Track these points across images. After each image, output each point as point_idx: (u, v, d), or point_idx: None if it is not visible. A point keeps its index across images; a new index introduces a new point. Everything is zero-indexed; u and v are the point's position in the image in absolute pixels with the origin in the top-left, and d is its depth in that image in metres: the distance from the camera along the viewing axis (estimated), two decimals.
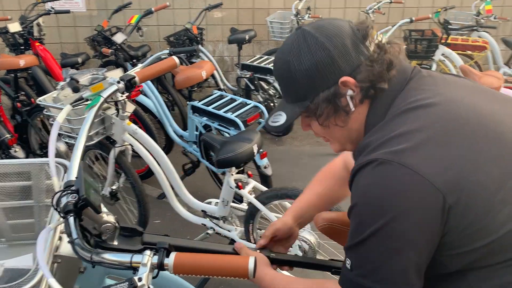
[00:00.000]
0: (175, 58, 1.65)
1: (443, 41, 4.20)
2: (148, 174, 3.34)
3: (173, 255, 0.81)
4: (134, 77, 1.54)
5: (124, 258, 0.83)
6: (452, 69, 4.33)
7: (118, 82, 1.54)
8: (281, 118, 0.98)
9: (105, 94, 1.40)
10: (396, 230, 0.79)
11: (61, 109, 2.26)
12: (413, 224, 0.78)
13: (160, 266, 0.81)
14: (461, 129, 0.81)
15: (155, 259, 0.82)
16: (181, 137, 3.31)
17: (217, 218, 2.36)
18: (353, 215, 0.86)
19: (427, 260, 0.82)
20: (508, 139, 0.82)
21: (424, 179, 0.77)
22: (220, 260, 0.82)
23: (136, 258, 0.82)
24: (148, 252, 0.83)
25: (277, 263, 1.19)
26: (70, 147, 3.42)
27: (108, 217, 1.02)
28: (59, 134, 3.17)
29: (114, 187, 2.55)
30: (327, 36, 0.90)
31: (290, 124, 0.97)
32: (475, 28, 4.34)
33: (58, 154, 3.19)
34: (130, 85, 1.54)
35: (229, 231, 2.35)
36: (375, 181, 0.81)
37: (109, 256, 0.83)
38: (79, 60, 3.90)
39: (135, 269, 0.82)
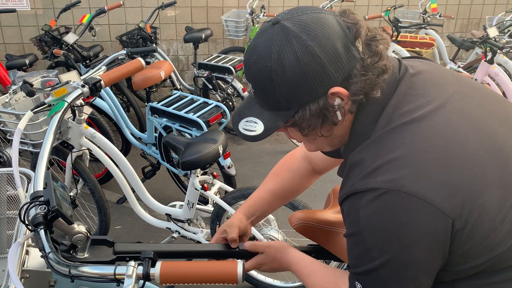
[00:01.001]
0: (141, 60, 1.59)
1: (393, 38, 4.34)
2: (105, 178, 3.24)
3: (159, 264, 0.78)
4: (100, 80, 1.47)
5: (107, 270, 0.79)
6: None
7: (83, 86, 1.46)
8: (257, 127, 0.85)
9: (70, 98, 1.32)
10: (408, 259, 0.77)
11: (14, 114, 2.15)
12: (424, 251, 0.76)
13: (146, 277, 0.78)
14: (461, 147, 0.77)
15: (140, 269, 0.79)
16: (139, 139, 3.23)
17: (182, 221, 2.32)
18: (357, 242, 0.82)
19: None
20: (504, 155, 0.79)
21: (432, 207, 0.73)
22: (208, 267, 0.80)
23: (120, 269, 0.79)
24: (132, 262, 0.79)
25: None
26: (20, 153, 3.25)
27: (79, 227, 0.97)
28: (8, 140, 3.00)
29: (72, 194, 2.44)
30: (315, 39, 0.76)
31: None
32: (422, 26, 4.52)
33: (8, 161, 3.03)
34: (95, 89, 1.46)
35: (195, 233, 2.31)
36: (381, 211, 0.76)
37: (89, 269, 0.79)
38: (27, 61, 3.70)
39: (118, 281, 0.78)
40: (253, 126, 0.85)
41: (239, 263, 0.80)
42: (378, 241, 0.78)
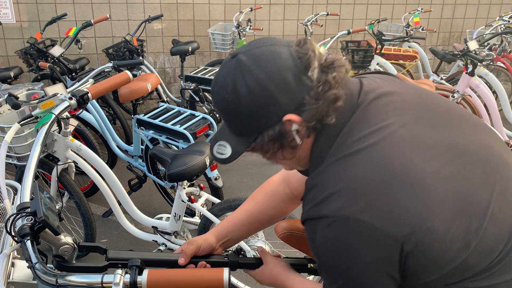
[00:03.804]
0: (128, 72, 1.60)
1: (377, 51, 4.42)
2: (91, 191, 3.22)
3: (146, 272, 0.79)
4: (87, 92, 1.47)
5: (94, 278, 0.80)
6: None
7: (70, 99, 1.46)
8: (226, 151, 0.93)
9: (57, 111, 1.32)
10: (365, 281, 0.82)
11: None
12: (378, 273, 0.81)
13: (133, 285, 0.79)
14: (407, 174, 0.80)
15: (127, 277, 0.79)
16: (125, 151, 3.22)
17: (169, 234, 2.31)
18: (321, 265, 0.88)
19: None
20: (454, 178, 0.81)
21: (381, 232, 0.77)
22: (194, 275, 0.81)
23: (107, 278, 0.79)
24: (119, 271, 0.80)
25: (247, 267, 1.20)
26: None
27: (66, 238, 0.98)
28: None
29: (57, 207, 2.42)
30: (266, 72, 0.82)
31: None
32: (406, 39, 4.61)
33: None
34: (82, 101, 1.46)
35: None
36: (334, 239, 0.81)
37: (76, 278, 0.79)
38: (11, 74, 3.68)
39: None
40: (223, 149, 0.92)
41: (225, 270, 0.81)
42: (337, 266, 0.83)
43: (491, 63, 4.03)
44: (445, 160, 0.83)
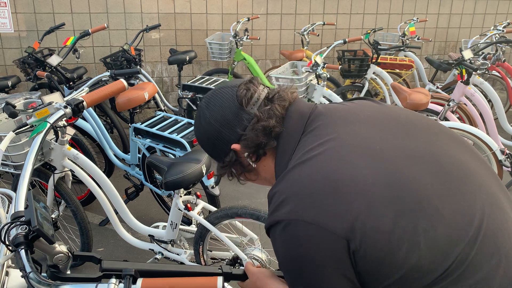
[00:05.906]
0: (123, 81, 1.61)
1: (373, 60, 4.45)
2: (88, 200, 3.22)
3: (140, 281, 0.79)
4: (82, 101, 1.48)
5: None
6: (383, 87, 4.59)
7: (65, 107, 1.47)
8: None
9: (52, 119, 1.33)
10: (321, 280, 0.85)
11: None
12: (333, 272, 0.84)
13: None
14: (351, 176, 0.85)
15: (121, 287, 0.79)
16: (122, 160, 3.22)
17: (165, 242, 2.31)
18: (283, 269, 0.91)
19: None
20: (396, 180, 0.85)
21: (327, 231, 0.81)
22: (188, 283, 0.81)
23: (101, 287, 0.79)
24: (113, 280, 0.80)
25: (239, 278, 1.21)
26: (1, 175, 3.21)
27: (60, 247, 0.98)
28: None
29: (54, 216, 2.42)
30: (212, 111, 1.02)
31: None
32: (401, 48, 4.64)
33: None
34: (78, 109, 1.47)
35: (178, 254, 2.30)
36: (288, 241, 0.85)
37: None
38: (9, 83, 3.69)
39: None
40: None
41: (219, 279, 0.81)
42: (294, 268, 0.87)
43: (487, 72, 4.06)
44: (390, 163, 0.87)
